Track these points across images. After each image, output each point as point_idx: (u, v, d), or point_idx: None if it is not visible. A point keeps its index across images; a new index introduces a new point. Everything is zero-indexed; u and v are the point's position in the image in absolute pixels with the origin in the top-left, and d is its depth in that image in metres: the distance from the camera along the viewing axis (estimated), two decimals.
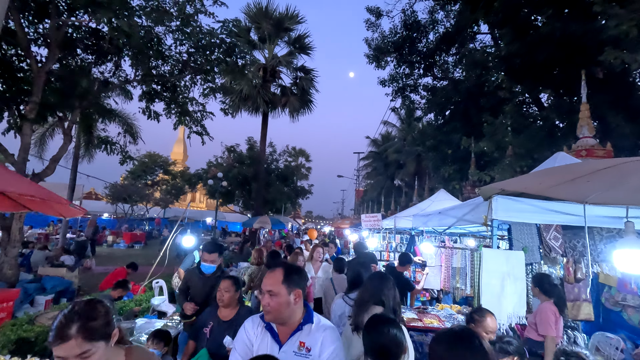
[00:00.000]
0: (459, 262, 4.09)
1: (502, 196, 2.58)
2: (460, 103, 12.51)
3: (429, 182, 23.41)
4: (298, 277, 1.65)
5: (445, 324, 4.19)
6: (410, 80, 17.55)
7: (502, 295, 2.44)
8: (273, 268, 1.67)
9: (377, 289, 2.36)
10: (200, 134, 10.05)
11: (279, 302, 1.56)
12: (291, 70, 19.65)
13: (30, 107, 5.93)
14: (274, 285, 1.58)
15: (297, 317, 1.62)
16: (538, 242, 3.06)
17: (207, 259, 3.14)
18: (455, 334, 1.31)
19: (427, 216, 4.54)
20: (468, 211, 3.16)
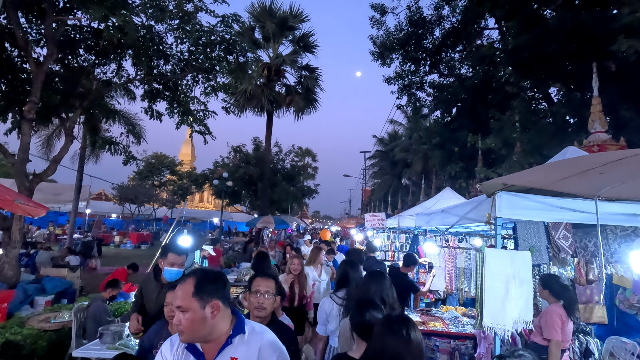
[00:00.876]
0: (464, 263, 3.91)
1: (506, 192, 2.40)
2: (467, 100, 12.24)
3: (436, 181, 23.11)
4: (214, 285, 1.37)
5: (449, 327, 4.02)
6: (416, 77, 17.30)
7: (507, 299, 2.26)
8: (185, 279, 1.38)
9: (379, 288, 2.33)
10: (202, 133, 9.98)
11: (192, 319, 1.29)
12: (296, 69, 19.57)
13: (29, 107, 5.90)
14: (183, 299, 1.31)
15: (222, 331, 1.37)
16: (546, 241, 2.87)
17: (175, 262, 2.55)
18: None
19: (430, 215, 4.36)
20: (471, 209, 2.98)
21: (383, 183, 39.48)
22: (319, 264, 4.85)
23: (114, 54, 8.49)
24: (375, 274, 2.49)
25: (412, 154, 30.11)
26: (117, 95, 12.65)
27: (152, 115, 9.85)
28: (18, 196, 3.67)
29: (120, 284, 3.94)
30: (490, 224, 2.48)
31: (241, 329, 1.39)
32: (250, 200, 27.50)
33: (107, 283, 3.87)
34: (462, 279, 3.94)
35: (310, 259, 4.82)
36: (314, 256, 4.83)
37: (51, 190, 15.72)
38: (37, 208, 3.85)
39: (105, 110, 11.76)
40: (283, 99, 19.12)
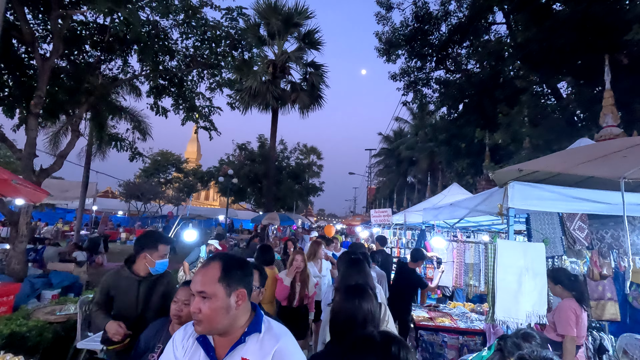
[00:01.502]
0: (473, 258, 3.84)
1: (519, 182, 2.33)
2: (474, 95, 12.09)
3: (442, 178, 22.95)
4: (241, 272, 1.27)
5: (457, 322, 3.95)
6: (422, 73, 17.15)
7: (520, 292, 2.19)
8: (209, 263, 1.27)
9: (363, 273, 2.37)
10: (208, 129, 9.99)
11: (215, 307, 1.18)
12: (301, 65, 19.47)
13: (35, 102, 5.91)
14: (207, 284, 1.20)
15: (239, 325, 1.25)
16: (560, 233, 2.78)
17: (166, 252, 2.36)
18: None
19: (438, 209, 4.28)
20: (481, 201, 2.90)
21: (388, 181, 39.37)
22: (319, 259, 4.58)
23: (119, 50, 8.50)
24: (354, 260, 2.52)
25: (418, 151, 29.97)
26: (123, 91, 12.71)
27: (158, 112, 9.87)
28: (15, 177, 3.49)
29: None
30: (502, 216, 2.40)
31: (257, 327, 1.25)
32: (256, 198, 27.54)
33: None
34: (470, 275, 3.87)
35: (310, 254, 4.53)
36: (313, 251, 4.58)
37: (58, 187, 15.86)
38: (36, 192, 3.68)
39: (111, 106, 11.82)
40: (288, 95, 19.06)
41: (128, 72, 9.23)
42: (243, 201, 29.65)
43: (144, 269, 2.31)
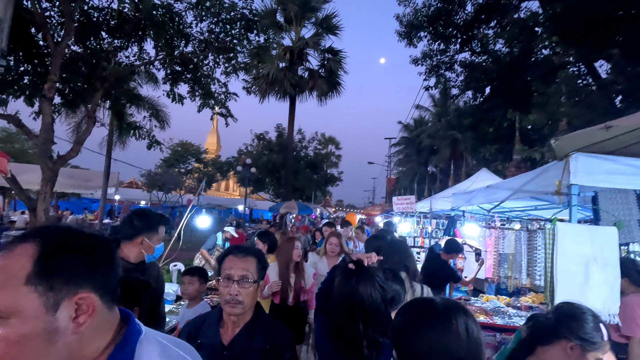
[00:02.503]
0: (512, 247, 3.42)
1: (584, 154, 1.91)
2: (503, 77, 11.33)
3: (466, 167, 22.10)
4: (85, 256, 0.70)
5: (493, 318, 3.56)
6: (445, 56, 16.37)
7: (587, 286, 1.81)
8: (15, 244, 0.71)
9: (402, 255, 2.26)
10: (224, 115, 9.81)
11: (14, 337, 0.62)
12: (319, 51, 19.01)
13: (49, 86, 5.81)
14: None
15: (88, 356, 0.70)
16: (638, 214, 2.34)
17: (162, 235, 1.98)
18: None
19: (471, 193, 3.85)
20: (530, 179, 2.49)
21: (408, 171, 38.58)
22: (333, 256, 3.86)
23: (134, 35, 8.37)
24: (399, 242, 2.46)
25: (439, 140, 29.11)
26: (140, 79, 12.69)
27: (174, 99, 9.74)
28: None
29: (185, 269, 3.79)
30: (560, 195, 1.99)
31: (122, 354, 0.71)
32: (274, 188, 27.51)
33: None
34: (510, 265, 3.46)
35: (324, 247, 3.92)
36: (324, 245, 3.98)
37: (81, 176, 16.18)
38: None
39: (129, 94, 11.81)
40: (306, 82, 18.67)
41: (144, 59, 9.11)
42: (262, 191, 29.72)
43: (138, 255, 1.90)
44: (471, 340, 0.82)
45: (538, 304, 4.00)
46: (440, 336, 0.81)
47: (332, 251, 3.65)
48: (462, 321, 0.84)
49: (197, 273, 2.68)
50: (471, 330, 0.83)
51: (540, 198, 3.41)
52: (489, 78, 12.15)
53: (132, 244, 1.90)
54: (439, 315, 0.85)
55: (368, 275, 1.42)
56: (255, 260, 1.46)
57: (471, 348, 0.81)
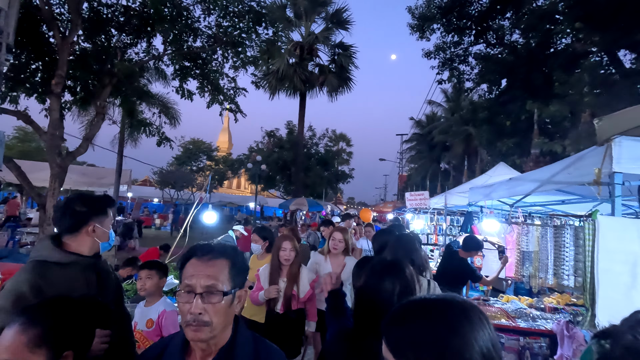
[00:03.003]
0: (537, 244, 3.16)
1: (629, 138, 1.67)
2: (520, 68, 10.90)
3: (480, 163, 21.59)
4: None
5: (516, 321, 3.31)
6: (459, 49, 15.94)
7: (635, 288, 1.57)
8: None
9: (408, 249, 2.28)
10: (233, 111, 9.71)
11: None
12: (329, 47, 18.77)
13: (56, 81, 5.77)
14: None
15: None
16: None
17: (112, 218, 1.63)
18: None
19: (491, 187, 3.59)
20: (562, 168, 2.24)
21: (420, 167, 38.06)
22: (337, 254, 3.33)
23: (143, 31, 8.33)
24: (406, 235, 2.49)
25: (452, 135, 28.60)
26: (149, 76, 12.70)
27: (184, 95, 9.70)
28: None
29: (139, 262, 3.64)
30: (599, 185, 1.75)
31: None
32: (285, 185, 27.46)
33: (127, 261, 3.59)
34: (535, 264, 3.20)
35: (327, 246, 3.39)
36: (327, 242, 3.44)
37: (95, 174, 16.40)
38: None
39: (139, 91, 11.84)
40: (316, 78, 18.45)
41: (152, 54, 9.07)
42: (272, 189, 29.70)
43: (92, 246, 1.54)
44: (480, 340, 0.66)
45: (564, 306, 3.73)
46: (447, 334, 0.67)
47: (335, 248, 3.24)
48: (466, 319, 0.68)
49: (156, 267, 2.44)
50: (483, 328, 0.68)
51: (569, 191, 3.15)
52: (506, 70, 11.73)
53: (80, 235, 1.53)
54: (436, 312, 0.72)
55: (397, 270, 1.37)
56: (227, 263, 1.05)
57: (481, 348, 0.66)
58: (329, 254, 3.33)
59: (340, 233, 3.32)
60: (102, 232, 1.57)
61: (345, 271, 2.92)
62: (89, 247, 1.54)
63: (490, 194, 3.57)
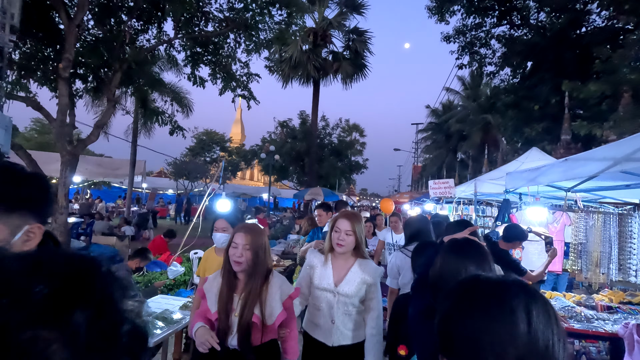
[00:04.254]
0: (599, 234, 2.74)
1: None
2: (550, 49, 10.21)
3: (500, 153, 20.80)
4: None
5: (569, 321, 2.93)
6: (481, 31, 15.20)
7: None
8: None
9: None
10: (246, 97, 9.42)
11: None
12: (343, 32, 18.18)
13: (64, 65, 5.54)
14: None
15: None
16: None
17: None
18: None
19: (537, 170, 3.15)
20: None
21: (436, 158, 37.21)
22: (340, 258, 2.19)
23: (154, 15, 8.08)
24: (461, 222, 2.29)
25: (470, 124, 27.76)
26: (161, 65, 12.51)
27: (195, 82, 9.49)
28: None
29: (148, 255, 3.40)
30: None
31: None
32: (298, 176, 27.22)
33: (135, 252, 3.35)
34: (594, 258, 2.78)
35: (329, 241, 2.22)
36: (329, 237, 2.32)
37: (110, 164, 16.45)
38: None
39: (151, 79, 11.65)
40: (330, 65, 17.94)
41: (163, 40, 8.82)
42: (285, 179, 29.53)
43: None
44: (533, 332, 0.56)
45: (618, 304, 3.31)
46: (490, 322, 0.58)
47: (340, 243, 2.06)
48: (521, 305, 0.59)
49: None
50: (535, 319, 0.58)
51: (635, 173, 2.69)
52: (532, 52, 11.03)
53: None
54: (489, 295, 0.62)
55: (479, 251, 1.31)
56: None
57: (534, 343, 0.56)
58: (331, 252, 2.15)
59: (347, 221, 2.08)
60: None
61: (353, 284, 2.03)
62: None
63: (537, 178, 3.13)
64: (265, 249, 1.82)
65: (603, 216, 2.77)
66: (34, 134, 23.47)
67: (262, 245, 1.81)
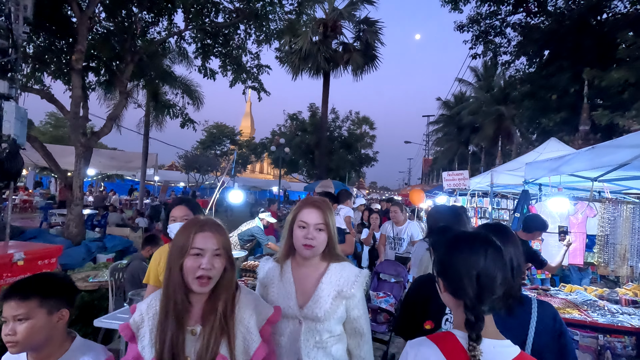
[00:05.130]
0: (627, 226, 2.61)
1: None
2: (568, 36, 9.86)
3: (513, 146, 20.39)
4: None
5: (591, 315, 2.83)
6: (496, 19, 14.80)
7: None
8: None
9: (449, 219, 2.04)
10: (256, 89, 9.38)
11: None
12: (354, 23, 17.92)
13: (76, 57, 5.56)
14: None
15: None
16: None
17: None
18: None
19: (561, 159, 3.02)
20: None
21: (447, 150, 36.68)
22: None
23: (164, 7, 8.05)
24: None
25: (482, 116, 27.24)
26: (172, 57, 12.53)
27: (206, 74, 9.50)
28: None
29: (159, 241, 3.40)
30: None
31: None
32: (308, 169, 27.19)
33: (145, 239, 3.36)
34: (622, 250, 2.66)
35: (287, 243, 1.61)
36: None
37: (123, 157, 16.66)
38: None
39: (162, 72, 11.69)
40: (340, 57, 17.74)
41: (174, 32, 8.80)
42: (295, 173, 29.55)
43: None
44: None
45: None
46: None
47: (309, 244, 1.42)
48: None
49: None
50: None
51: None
52: (550, 40, 10.67)
53: None
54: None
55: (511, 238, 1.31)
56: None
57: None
58: (290, 259, 1.52)
59: (316, 211, 1.45)
60: None
61: (326, 302, 1.40)
62: None
63: (560, 167, 3.00)
64: (231, 253, 1.22)
65: (632, 207, 2.65)
66: (49, 128, 23.90)
67: (230, 249, 1.22)
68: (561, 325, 1.24)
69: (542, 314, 1.23)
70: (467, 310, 0.92)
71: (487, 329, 0.93)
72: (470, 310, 0.91)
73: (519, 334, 1.18)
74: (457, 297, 0.95)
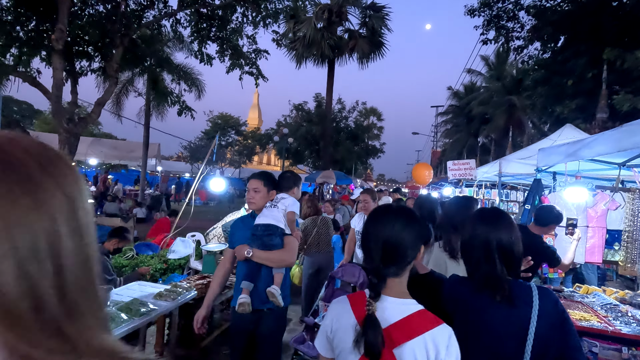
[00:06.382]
0: None
1: None
2: (586, 18, 9.22)
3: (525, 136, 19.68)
4: None
5: (613, 323, 2.45)
6: (509, 3, 14.10)
7: None
8: None
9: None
10: (254, 75, 9.01)
11: None
12: (360, 8, 17.30)
13: (57, 36, 5.24)
14: None
15: None
16: None
17: None
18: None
19: (580, 142, 2.60)
20: None
21: (456, 142, 35.87)
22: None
23: None
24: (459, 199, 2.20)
25: (493, 107, 26.45)
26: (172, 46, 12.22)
27: (203, 59, 9.18)
28: None
29: (127, 235, 3.09)
30: None
31: None
32: (313, 160, 26.83)
33: (112, 231, 3.04)
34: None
35: None
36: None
37: (125, 147, 16.48)
38: None
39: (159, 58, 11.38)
40: (345, 44, 17.19)
41: (166, 12, 8.44)
42: (301, 164, 29.21)
43: None
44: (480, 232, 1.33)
45: None
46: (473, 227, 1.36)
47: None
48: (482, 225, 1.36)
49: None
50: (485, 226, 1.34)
51: None
52: (567, 22, 10.02)
53: None
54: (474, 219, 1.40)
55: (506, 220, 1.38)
56: None
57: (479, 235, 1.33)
58: None
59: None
60: None
61: None
62: None
63: (579, 151, 2.57)
64: None
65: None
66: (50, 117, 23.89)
67: None
68: (563, 312, 1.24)
69: (543, 302, 1.21)
70: (369, 273, 1.03)
71: (395, 289, 1.04)
72: (372, 273, 1.02)
73: (521, 323, 1.20)
74: (365, 261, 1.07)
